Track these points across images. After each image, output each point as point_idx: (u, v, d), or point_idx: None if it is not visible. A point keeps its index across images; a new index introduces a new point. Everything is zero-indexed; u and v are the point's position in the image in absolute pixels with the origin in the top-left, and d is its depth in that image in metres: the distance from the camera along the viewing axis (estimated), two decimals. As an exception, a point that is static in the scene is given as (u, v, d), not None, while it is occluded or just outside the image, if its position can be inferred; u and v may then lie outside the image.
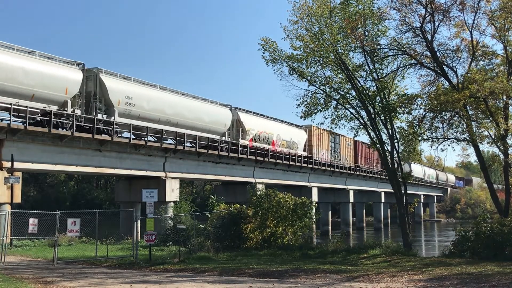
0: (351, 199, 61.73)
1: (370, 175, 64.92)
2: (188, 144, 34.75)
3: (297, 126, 50.60)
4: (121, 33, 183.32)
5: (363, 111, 23.56)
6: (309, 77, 23.46)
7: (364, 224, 68.85)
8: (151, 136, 32.17)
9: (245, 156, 39.82)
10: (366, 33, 22.75)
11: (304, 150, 50.65)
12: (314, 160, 51.46)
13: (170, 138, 34.11)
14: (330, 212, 60.43)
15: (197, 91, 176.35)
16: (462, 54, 23.52)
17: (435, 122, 23.11)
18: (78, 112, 27.58)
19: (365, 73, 23.53)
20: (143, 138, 31.34)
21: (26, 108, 24.48)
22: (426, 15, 22.11)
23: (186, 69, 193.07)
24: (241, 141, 40.32)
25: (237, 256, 19.87)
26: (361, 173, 62.27)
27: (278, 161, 44.24)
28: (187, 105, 35.11)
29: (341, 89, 23.86)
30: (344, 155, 59.40)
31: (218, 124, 38.04)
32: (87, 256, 20.43)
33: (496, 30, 22.69)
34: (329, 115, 23.79)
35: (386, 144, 23.76)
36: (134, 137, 31.06)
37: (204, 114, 36.46)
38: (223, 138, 38.53)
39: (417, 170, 77.16)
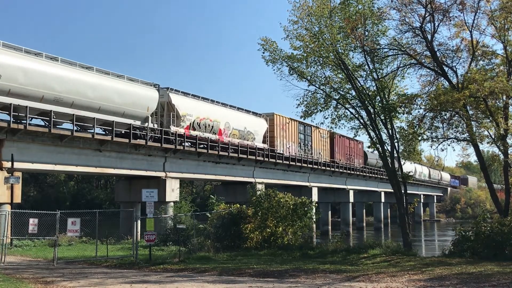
0: (351, 199, 61.73)
1: (370, 175, 64.94)
2: (91, 129, 28.53)
3: (255, 114, 43.40)
4: (120, 32, 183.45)
5: (363, 111, 23.57)
6: (309, 77, 23.48)
7: (364, 224, 68.86)
8: (37, 118, 26.34)
9: (245, 156, 39.82)
10: (366, 33, 22.76)
11: (264, 142, 43.28)
12: (278, 153, 44.63)
13: (66, 122, 27.16)
14: (330, 212, 60.44)
15: (199, 91, 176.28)
16: (462, 54, 23.56)
17: (435, 122, 23.12)
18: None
19: (365, 73, 23.55)
20: (22, 121, 25.07)
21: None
22: (426, 15, 22.12)
23: (186, 68, 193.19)
24: (173, 129, 33.23)
25: (237, 256, 19.88)
26: (361, 173, 62.28)
27: (278, 161, 44.24)
28: (88, 82, 27.90)
29: (341, 89, 23.87)
30: (317, 149, 52.18)
31: (137, 107, 30.84)
32: (87, 256, 20.44)
33: (496, 30, 22.70)
34: (329, 115, 23.83)
35: (386, 144, 23.77)
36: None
37: (114, 94, 29.34)
38: (147, 124, 31.75)
39: (407, 167, 74.01)
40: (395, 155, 24.10)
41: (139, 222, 20.64)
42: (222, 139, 37.97)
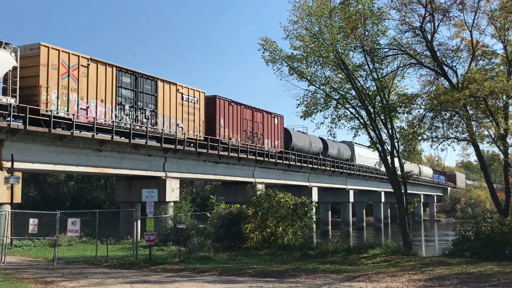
0: (351, 199, 61.69)
1: (370, 175, 64.92)
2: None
3: None
4: (121, 32, 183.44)
5: (363, 111, 23.59)
6: (309, 77, 23.49)
7: (364, 224, 68.80)
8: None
9: (245, 156, 39.83)
10: (366, 33, 22.77)
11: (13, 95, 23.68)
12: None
13: None
14: (330, 212, 60.38)
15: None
16: (462, 53, 23.59)
17: (435, 121, 23.15)
18: None
19: (365, 73, 23.56)
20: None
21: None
22: (426, 15, 22.13)
23: (186, 68, 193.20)
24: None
25: (237, 256, 19.89)
26: (361, 173, 62.27)
27: (278, 161, 44.23)
28: None
29: (341, 89, 23.88)
30: (169, 117, 32.69)
31: None
32: (87, 256, 20.44)
33: (496, 29, 22.71)
34: (329, 115, 23.85)
35: (386, 144, 23.77)
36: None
37: None
38: None
39: (368, 156, 64.55)
40: (395, 155, 24.11)
41: (139, 222, 20.64)
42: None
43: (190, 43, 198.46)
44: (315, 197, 49.73)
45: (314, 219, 25.53)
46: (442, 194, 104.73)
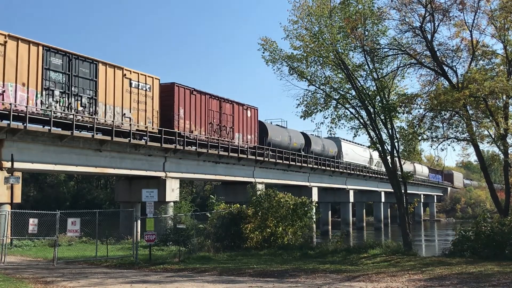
0: (351, 199, 61.70)
1: (370, 174, 64.92)
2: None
3: None
4: (121, 31, 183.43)
5: (363, 110, 23.58)
6: (309, 77, 23.48)
7: (364, 224, 68.82)
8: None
9: (245, 156, 39.83)
10: (366, 32, 22.76)
11: None
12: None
13: None
14: (330, 212, 60.42)
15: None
16: (462, 53, 23.60)
17: (435, 121, 23.16)
18: None
19: (365, 72, 23.55)
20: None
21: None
22: (426, 15, 22.13)
23: (185, 68, 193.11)
24: None
25: (237, 256, 19.89)
26: (361, 173, 62.27)
27: (278, 161, 44.25)
28: None
29: (341, 89, 23.87)
30: (113, 106, 28.98)
31: None
32: (87, 256, 20.44)
33: (496, 29, 22.72)
34: (329, 114, 23.84)
35: (386, 144, 23.77)
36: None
37: None
38: None
39: (357, 153, 63.41)
40: (395, 155, 24.11)
41: (139, 222, 20.63)
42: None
43: (191, 44, 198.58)
44: (315, 197, 49.73)
45: (314, 219, 25.52)
46: (442, 194, 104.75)
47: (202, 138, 35.19)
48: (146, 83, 31.38)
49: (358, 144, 60.41)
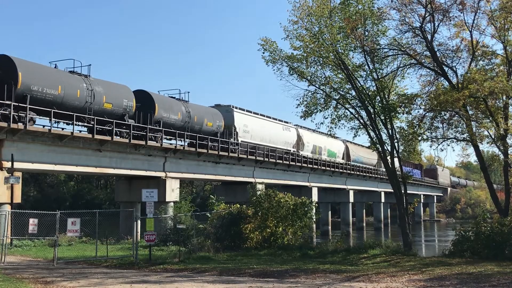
0: (351, 199, 61.71)
1: (370, 175, 64.95)
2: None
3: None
4: (121, 32, 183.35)
5: (363, 111, 23.59)
6: (309, 77, 23.50)
7: (364, 224, 68.85)
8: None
9: (245, 156, 39.84)
10: (366, 33, 22.77)
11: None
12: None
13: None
14: (330, 212, 60.41)
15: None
16: (462, 54, 23.58)
17: (434, 122, 23.17)
18: None
19: (365, 73, 23.56)
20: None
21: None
22: (426, 15, 22.13)
23: (186, 68, 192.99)
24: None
25: (237, 256, 19.90)
26: (361, 173, 62.30)
27: (278, 161, 44.25)
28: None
29: (341, 89, 23.89)
30: None
31: None
32: (87, 256, 20.45)
33: (496, 30, 22.72)
34: (329, 115, 23.86)
35: (386, 144, 23.78)
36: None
37: None
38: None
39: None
40: (395, 155, 24.12)
41: (139, 222, 20.65)
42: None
43: (190, 45, 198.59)
44: (315, 197, 49.74)
45: (314, 219, 25.54)
46: (442, 195, 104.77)
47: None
48: None
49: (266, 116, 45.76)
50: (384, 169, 62.57)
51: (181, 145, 33.83)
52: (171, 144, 33.70)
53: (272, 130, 45.05)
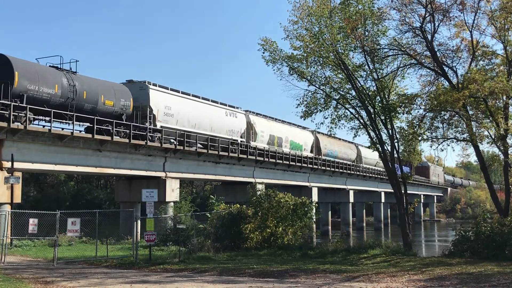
0: (351, 199, 61.73)
1: (370, 175, 64.94)
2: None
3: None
4: (121, 33, 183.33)
5: (363, 111, 23.60)
6: (309, 77, 23.51)
7: (364, 224, 68.89)
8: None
9: (245, 156, 39.85)
10: (366, 33, 22.78)
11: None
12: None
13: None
14: (330, 212, 60.43)
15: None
16: (462, 54, 23.59)
17: (435, 122, 23.17)
18: None
19: (365, 73, 23.57)
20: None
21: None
22: (426, 15, 22.13)
23: (188, 69, 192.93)
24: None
25: (237, 256, 19.89)
26: (361, 173, 62.29)
27: (278, 161, 44.24)
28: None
29: (341, 89, 23.90)
30: None
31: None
32: (87, 256, 20.44)
33: (496, 30, 22.72)
34: (329, 115, 23.88)
35: (386, 144, 23.77)
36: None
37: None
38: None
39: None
40: (395, 155, 24.11)
41: (139, 222, 20.64)
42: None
43: (191, 47, 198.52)
44: (315, 197, 49.74)
45: (314, 219, 25.54)
46: (442, 195, 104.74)
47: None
48: None
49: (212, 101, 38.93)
50: (367, 166, 63.37)
51: (70, 130, 25.81)
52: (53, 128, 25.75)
53: (210, 115, 36.63)
